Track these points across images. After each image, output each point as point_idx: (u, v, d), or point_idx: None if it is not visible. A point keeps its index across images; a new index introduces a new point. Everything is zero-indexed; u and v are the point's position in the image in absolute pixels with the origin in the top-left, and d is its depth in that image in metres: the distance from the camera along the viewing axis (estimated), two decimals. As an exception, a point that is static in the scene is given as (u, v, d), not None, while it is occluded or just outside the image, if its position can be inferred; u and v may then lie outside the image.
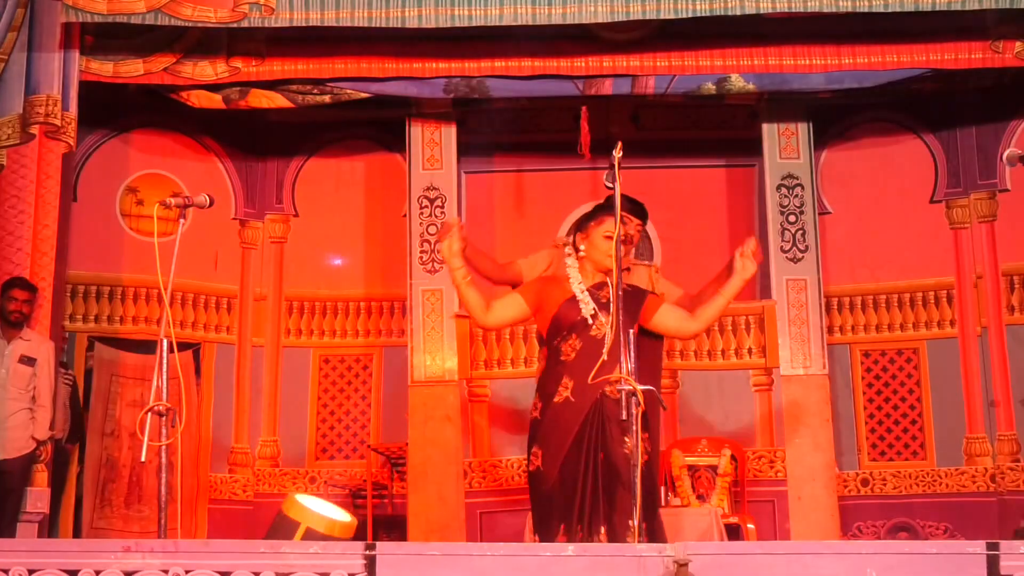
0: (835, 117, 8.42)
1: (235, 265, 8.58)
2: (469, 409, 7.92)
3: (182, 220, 4.70)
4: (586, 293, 4.76)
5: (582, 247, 4.84)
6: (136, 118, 8.23)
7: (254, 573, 3.34)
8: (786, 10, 6.75)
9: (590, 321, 4.70)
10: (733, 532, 7.17)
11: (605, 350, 4.52)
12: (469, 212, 8.57)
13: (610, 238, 4.69)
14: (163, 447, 4.31)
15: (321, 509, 3.99)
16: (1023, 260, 8.04)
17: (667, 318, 4.83)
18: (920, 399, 8.24)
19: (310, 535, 3.84)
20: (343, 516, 4.01)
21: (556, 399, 4.68)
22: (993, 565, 3.28)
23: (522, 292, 4.91)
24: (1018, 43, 7.07)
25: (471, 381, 7.92)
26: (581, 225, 4.96)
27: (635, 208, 5.29)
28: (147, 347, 7.60)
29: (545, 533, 4.57)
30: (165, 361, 4.38)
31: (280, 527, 3.89)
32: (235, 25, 6.88)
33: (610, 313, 4.53)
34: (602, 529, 4.49)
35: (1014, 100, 8.06)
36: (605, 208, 4.84)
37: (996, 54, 7.11)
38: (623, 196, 5.20)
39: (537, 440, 4.70)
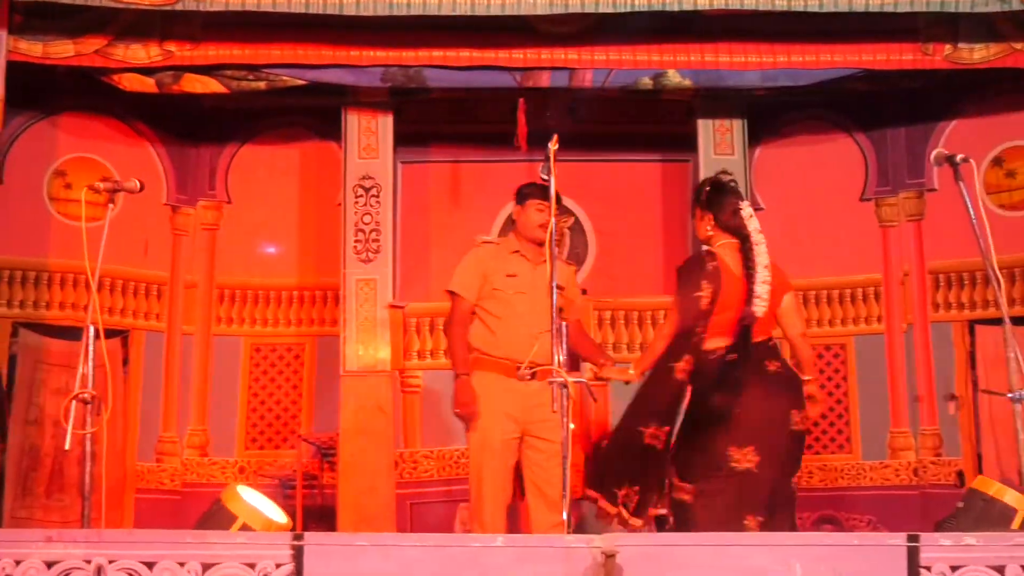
0: (769, 115, 8.50)
1: (165, 252, 8.46)
2: (401, 400, 7.90)
3: (111, 205, 4.65)
4: None
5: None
6: (66, 100, 8.06)
7: (179, 564, 3.31)
8: (723, 7, 6.81)
9: None
10: (661, 523, 7.22)
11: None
12: (404, 202, 8.53)
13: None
14: (87, 436, 4.25)
15: (261, 506, 3.96)
16: (949, 258, 8.18)
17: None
18: (847, 394, 8.37)
19: (245, 531, 3.81)
20: (280, 517, 4.00)
21: None
22: (913, 557, 3.35)
23: None
24: (947, 46, 7.19)
25: (404, 372, 7.90)
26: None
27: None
28: (73, 334, 7.47)
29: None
30: (91, 348, 4.32)
31: (216, 515, 3.86)
32: (169, 7, 6.77)
33: None
34: None
35: (943, 101, 8.21)
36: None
37: (926, 56, 7.23)
38: (540, 185, 5.30)
39: None
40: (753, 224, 5.36)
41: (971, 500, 4.11)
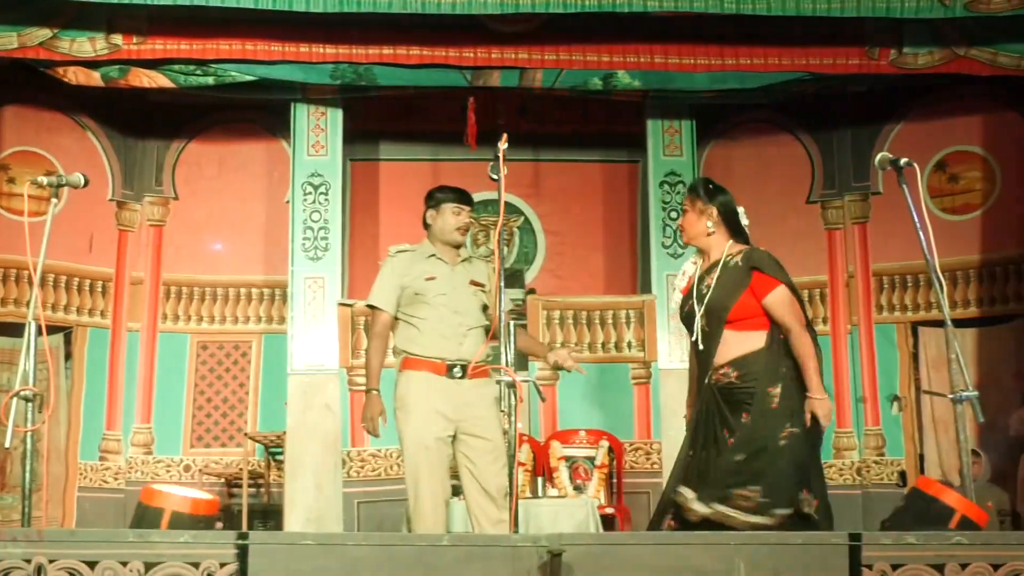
0: (718, 116, 8.57)
1: (111, 247, 8.37)
2: (349, 398, 7.87)
3: (55, 200, 4.58)
4: (693, 286, 4.73)
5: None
6: (9, 93, 7.95)
7: (122, 563, 3.27)
8: (672, 9, 6.85)
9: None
10: (609, 523, 7.26)
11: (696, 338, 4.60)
12: (354, 200, 8.51)
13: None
14: (28, 433, 4.19)
15: (182, 492, 3.92)
16: (893, 261, 8.29)
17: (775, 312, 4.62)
18: (792, 394, 8.43)
19: (176, 518, 3.77)
20: (204, 495, 3.96)
21: (693, 410, 4.69)
22: (855, 555, 3.38)
23: None
24: (892, 51, 7.29)
25: (352, 370, 7.87)
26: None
27: (467, 197, 5.43)
28: (15, 330, 7.36)
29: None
30: (34, 345, 4.26)
31: (143, 518, 3.81)
32: (115, 1, 6.70)
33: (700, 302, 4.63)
34: None
35: (888, 106, 8.32)
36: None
37: (872, 60, 7.33)
38: (453, 188, 5.34)
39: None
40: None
41: (912, 500, 4.15)
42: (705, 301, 4.63)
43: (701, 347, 4.62)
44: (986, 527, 3.96)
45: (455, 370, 5.21)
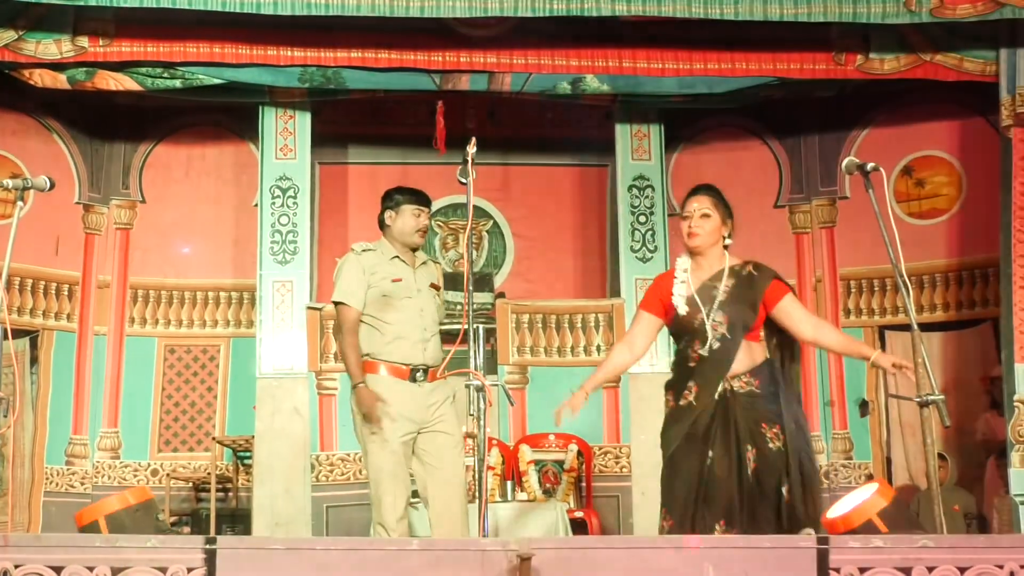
0: (686, 121, 8.61)
1: (77, 251, 8.31)
2: (318, 402, 7.85)
3: (20, 203, 4.54)
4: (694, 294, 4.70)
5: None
6: (-27, 95, 7.90)
7: (88, 568, 3.25)
8: (641, 14, 6.87)
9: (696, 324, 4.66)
10: (579, 527, 7.27)
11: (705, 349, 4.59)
12: (322, 204, 8.49)
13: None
14: (-6, 438, 4.16)
15: (107, 498, 3.93)
16: (860, 265, 8.35)
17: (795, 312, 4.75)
18: (760, 398, 8.47)
19: (113, 520, 3.76)
20: (130, 487, 3.97)
21: (682, 401, 4.66)
22: (823, 559, 3.41)
23: (647, 307, 4.81)
24: (859, 56, 7.33)
25: (320, 374, 7.84)
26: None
27: (426, 199, 5.45)
28: (-19, 334, 7.30)
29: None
30: (-1, 348, 4.22)
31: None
32: (82, 2, 6.64)
33: (717, 310, 4.63)
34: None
35: (855, 111, 8.38)
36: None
37: (839, 66, 7.37)
38: (412, 190, 5.35)
39: None
40: None
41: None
42: (724, 308, 4.63)
43: (713, 353, 4.63)
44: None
45: (418, 374, 5.21)
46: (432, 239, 8.75)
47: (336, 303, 5.43)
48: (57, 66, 7.11)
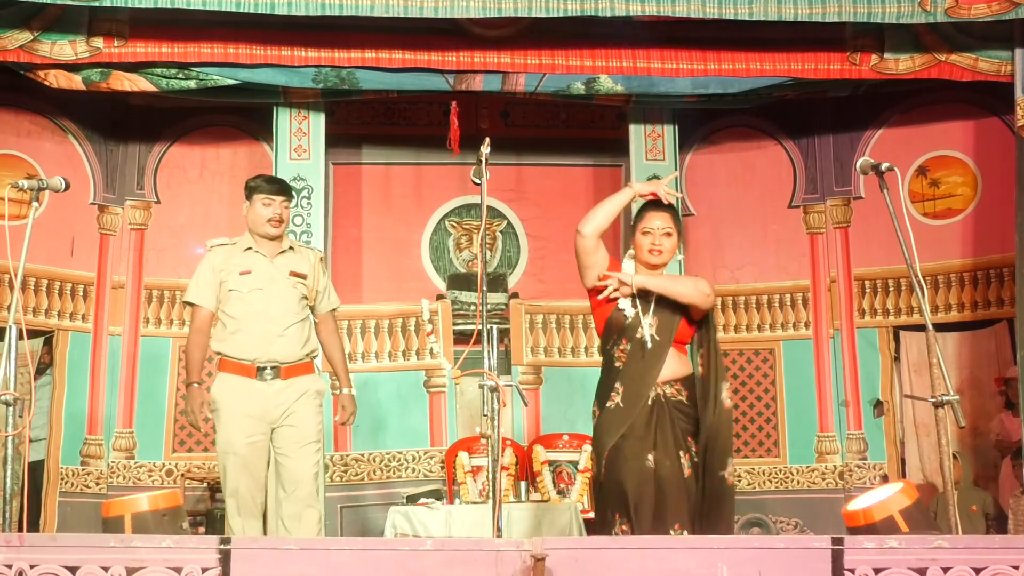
0: (700, 121, 8.59)
1: (92, 251, 8.33)
2: (333, 402, 7.85)
3: (36, 203, 4.57)
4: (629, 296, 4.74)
5: None
6: (-10, 96, 7.93)
7: (103, 568, 3.26)
8: (655, 14, 6.86)
9: (630, 321, 4.72)
10: (592, 527, 7.26)
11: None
12: (336, 204, 8.50)
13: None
14: (9, 438, 4.17)
15: (137, 495, 3.94)
16: (875, 265, 8.32)
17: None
18: (775, 398, 8.47)
19: (138, 520, 3.77)
20: (162, 491, 3.97)
21: (609, 404, 4.69)
22: (838, 559, 3.40)
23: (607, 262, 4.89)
24: (874, 55, 7.31)
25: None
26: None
27: (280, 186, 5.45)
28: (-4, 334, 7.33)
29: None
30: (14, 349, 4.24)
31: (107, 531, 3.81)
32: (96, 3, 6.67)
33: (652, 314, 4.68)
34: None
35: (869, 111, 8.36)
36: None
37: (853, 65, 7.35)
38: (267, 177, 5.36)
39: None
40: None
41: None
42: (656, 312, 4.67)
43: (646, 356, 4.68)
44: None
45: (265, 372, 5.15)
46: (446, 239, 8.76)
47: (185, 303, 5.45)
48: (72, 67, 7.13)
